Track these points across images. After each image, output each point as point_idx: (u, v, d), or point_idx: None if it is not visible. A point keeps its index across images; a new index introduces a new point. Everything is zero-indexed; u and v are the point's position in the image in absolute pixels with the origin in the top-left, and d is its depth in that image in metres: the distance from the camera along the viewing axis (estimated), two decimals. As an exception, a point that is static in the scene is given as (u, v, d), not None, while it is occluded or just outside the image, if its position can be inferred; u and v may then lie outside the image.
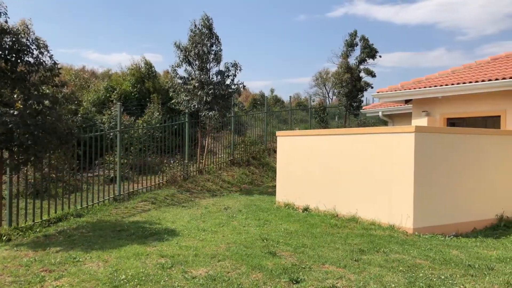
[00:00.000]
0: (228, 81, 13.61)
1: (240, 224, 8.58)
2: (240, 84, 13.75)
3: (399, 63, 73.88)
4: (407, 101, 12.37)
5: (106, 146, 11.86)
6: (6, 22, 7.46)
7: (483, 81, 9.62)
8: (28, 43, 7.53)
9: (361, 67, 20.57)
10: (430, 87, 10.58)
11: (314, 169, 10.09)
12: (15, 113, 6.94)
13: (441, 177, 8.21)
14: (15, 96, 7.27)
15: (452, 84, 10.15)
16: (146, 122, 15.40)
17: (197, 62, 13.42)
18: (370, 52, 20.37)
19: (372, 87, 21.16)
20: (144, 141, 13.30)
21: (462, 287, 4.91)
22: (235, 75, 13.64)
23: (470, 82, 9.83)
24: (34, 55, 7.64)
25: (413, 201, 7.82)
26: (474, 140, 8.71)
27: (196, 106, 13.26)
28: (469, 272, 5.47)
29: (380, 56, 20.65)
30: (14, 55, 7.40)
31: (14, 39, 7.30)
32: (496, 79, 9.40)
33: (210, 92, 13.06)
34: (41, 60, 7.69)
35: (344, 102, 20.09)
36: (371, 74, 20.73)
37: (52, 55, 7.83)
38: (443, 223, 8.14)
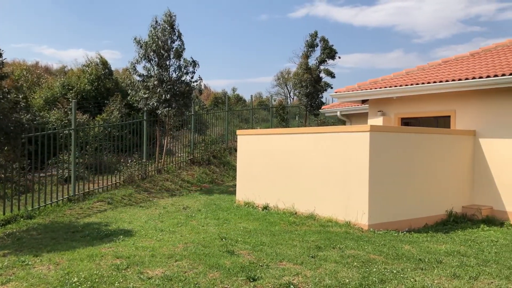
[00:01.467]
0: (187, 78, 13.48)
1: (199, 223, 8.52)
2: (198, 80, 13.66)
3: (358, 64, 75.79)
4: (364, 101, 12.69)
5: (60, 145, 11.44)
6: None
7: (434, 82, 10.02)
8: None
9: (321, 67, 20.93)
10: (385, 87, 10.91)
11: (274, 168, 10.17)
12: None
13: (395, 175, 8.49)
14: None
15: (406, 85, 10.51)
16: (104, 121, 14.98)
17: (156, 59, 13.20)
18: (330, 53, 20.75)
19: (331, 87, 21.59)
20: (100, 139, 12.93)
21: (412, 280, 5.09)
22: (194, 73, 13.53)
23: (423, 83, 10.22)
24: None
25: (368, 198, 8.04)
26: (426, 139, 9.06)
27: (155, 104, 13.03)
28: (419, 265, 5.69)
29: (339, 57, 21.10)
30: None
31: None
32: (447, 81, 9.81)
33: (169, 89, 12.87)
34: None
35: (304, 102, 20.36)
36: (331, 74, 21.13)
37: (-4, 47, 7.48)
38: (396, 219, 8.41)
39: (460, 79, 9.59)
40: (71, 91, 17.95)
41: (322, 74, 20.90)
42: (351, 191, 8.36)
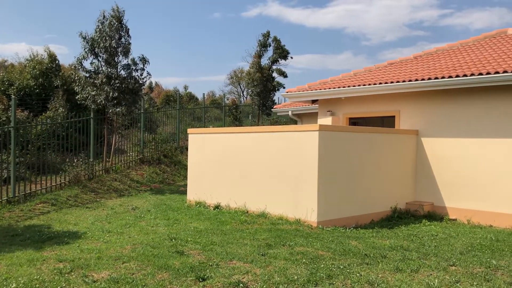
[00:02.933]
0: (136, 75, 13.16)
1: (148, 224, 8.34)
2: (147, 76, 13.39)
3: (309, 64, 77.32)
4: (314, 101, 12.95)
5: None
6: None
7: (380, 83, 10.40)
8: None
9: (274, 67, 21.13)
10: (333, 88, 11.19)
11: (226, 167, 10.15)
12: None
13: (343, 173, 8.73)
14: None
15: (354, 86, 10.84)
16: (49, 118, 14.30)
17: (104, 55, 12.78)
18: (282, 53, 20.98)
19: (284, 87, 21.90)
20: (44, 138, 12.32)
21: (358, 275, 5.26)
22: (143, 70, 13.24)
23: (369, 85, 10.57)
24: None
25: (317, 196, 8.22)
26: (372, 138, 9.39)
27: (103, 102, 12.60)
28: (365, 260, 5.89)
29: (291, 58, 21.39)
30: None
31: None
32: (392, 82, 10.22)
33: (117, 86, 12.50)
34: None
35: (257, 101, 20.47)
36: (283, 74, 21.39)
37: None
38: (344, 216, 8.66)
39: (404, 81, 10.02)
40: (12, 87, 16.97)
41: (274, 74, 21.11)
42: (301, 189, 8.51)
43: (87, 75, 12.94)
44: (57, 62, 18.68)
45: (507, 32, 12.00)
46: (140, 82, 13.23)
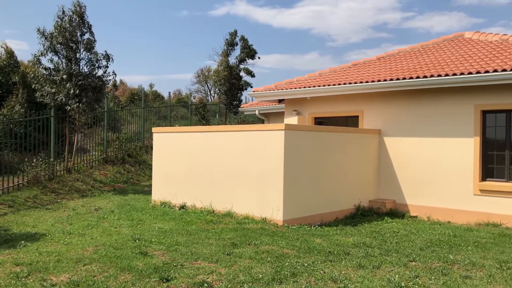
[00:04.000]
0: (99, 73, 12.84)
1: (111, 225, 8.16)
2: (112, 75, 13.07)
3: (277, 64, 77.72)
4: (280, 101, 13.04)
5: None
6: None
7: (344, 84, 10.59)
8: None
9: (241, 66, 21.11)
10: (299, 88, 11.31)
11: (192, 166, 10.06)
12: None
13: (308, 171, 8.84)
14: None
15: (318, 86, 10.99)
16: (5, 116, 13.71)
17: (64, 52, 12.39)
18: (249, 52, 20.99)
19: (251, 87, 21.91)
20: (0, 137, 11.81)
21: (322, 272, 5.34)
22: (107, 67, 12.92)
23: (334, 85, 10.75)
24: None
25: (283, 195, 8.28)
26: (336, 138, 9.56)
27: (64, 100, 12.20)
28: (329, 258, 5.98)
29: (259, 58, 21.44)
30: None
31: None
32: (355, 83, 10.43)
33: (79, 84, 12.15)
34: None
35: (224, 100, 20.40)
36: (251, 73, 21.42)
37: None
38: (309, 214, 8.77)
39: (367, 81, 10.25)
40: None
41: (242, 73, 21.09)
42: (267, 188, 8.55)
43: (46, 72, 12.50)
44: (15, 58, 17.99)
45: (464, 35, 12.48)
46: (104, 80, 12.91)
